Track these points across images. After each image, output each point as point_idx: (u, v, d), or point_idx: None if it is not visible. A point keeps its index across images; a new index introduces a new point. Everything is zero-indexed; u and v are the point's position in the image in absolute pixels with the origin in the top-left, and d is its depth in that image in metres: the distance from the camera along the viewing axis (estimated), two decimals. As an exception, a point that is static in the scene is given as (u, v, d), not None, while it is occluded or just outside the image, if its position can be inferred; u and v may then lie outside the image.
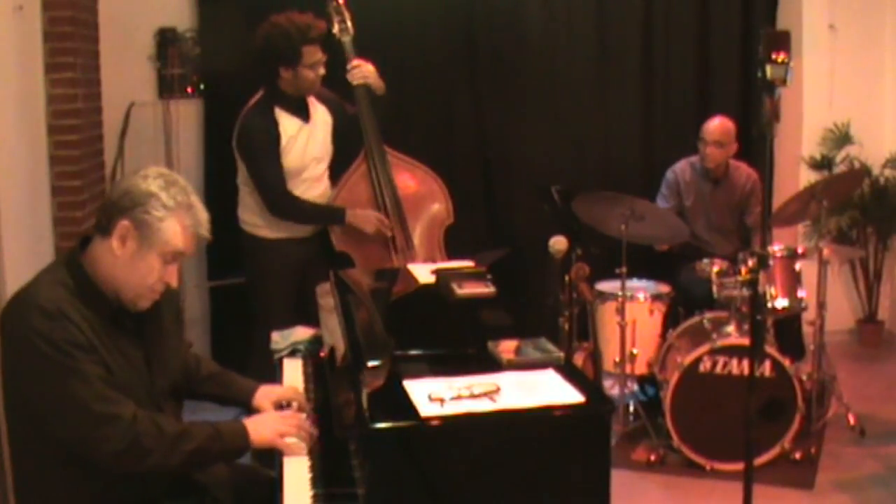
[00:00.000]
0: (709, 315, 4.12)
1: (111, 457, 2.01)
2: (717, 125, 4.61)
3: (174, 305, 2.36)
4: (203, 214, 2.15)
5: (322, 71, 3.80)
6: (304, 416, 2.36)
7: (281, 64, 3.72)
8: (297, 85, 3.78)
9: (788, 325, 4.40)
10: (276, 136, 3.76)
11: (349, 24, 3.95)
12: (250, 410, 2.44)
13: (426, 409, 1.89)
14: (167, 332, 2.30)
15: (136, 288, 2.12)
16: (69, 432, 2.01)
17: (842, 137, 5.45)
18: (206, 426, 2.14)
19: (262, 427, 2.22)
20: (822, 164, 5.44)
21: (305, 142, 3.86)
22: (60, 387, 1.98)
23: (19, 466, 2.15)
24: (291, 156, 3.81)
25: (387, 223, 3.90)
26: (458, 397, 1.93)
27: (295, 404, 2.46)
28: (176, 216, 2.09)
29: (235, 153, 3.86)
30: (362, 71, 3.91)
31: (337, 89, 4.02)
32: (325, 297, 2.88)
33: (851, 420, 4.25)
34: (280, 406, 2.45)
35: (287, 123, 3.81)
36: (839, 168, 5.42)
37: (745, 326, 3.88)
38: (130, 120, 4.69)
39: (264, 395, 2.47)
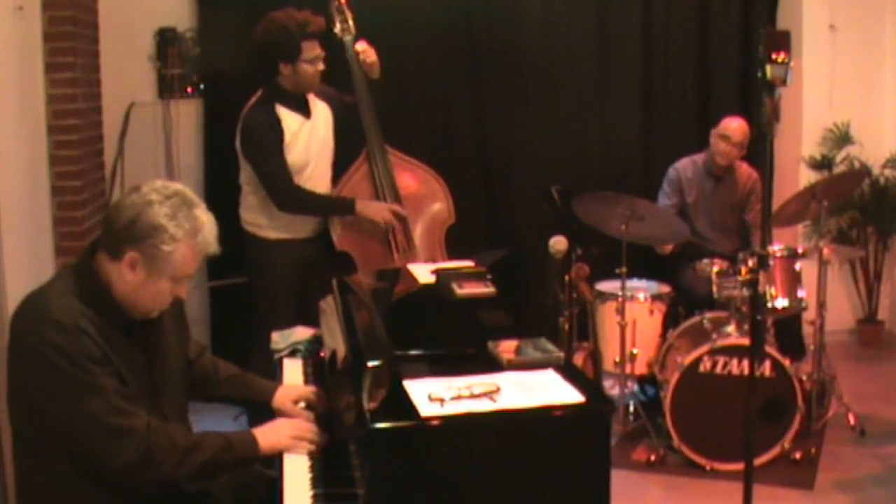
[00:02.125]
0: (709, 315, 4.12)
1: (123, 469, 2.01)
2: (739, 126, 4.63)
3: (175, 307, 2.36)
4: (211, 232, 2.13)
5: (321, 67, 3.80)
6: (312, 422, 2.36)
7: (280, 59, 3.73)
8: (297, 81, 3.78)
9: (788, 325, 4.40)
10: (279, 133, 3.76)
11: (351, 23, 3.95)
12: (268, 411, 2.44)
13: (426, 409, 1.89)
14: (169, 336, 2.30)
15: (149, 305, 2.14)
16: (83, 445, 2.02)
17: (842, 137, 5.45)
18: (217, 437, 2.15)
19: (272, 434, 2.23)
20: (822, 164, 5.44)
21: (308, 138, 3.86)
22: (76, 401, 1.98)
23: (24, 475, 2.15)
24: (295, 152, 3.81)
25: (400, 211, 3.89)
26: (458, 397, 1.93)
27: (303, 404, 2.47)
28: (185, 245, 2.07)
29: (239, 153, 3.85)
30: (367, 52, 3.92)
31: (336, 87, 4.02)
32: (326, 299, 2.88)
33: (851, 420, 4.25)
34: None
35: (289, 120, 3.81)
36: (839, 168, 5.42)
37: (745, 326, 3.88)
38: (130, 120, 4.70)
39: (284, 395, 2.48)
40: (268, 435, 2.22)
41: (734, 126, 4.63)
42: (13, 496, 2.17)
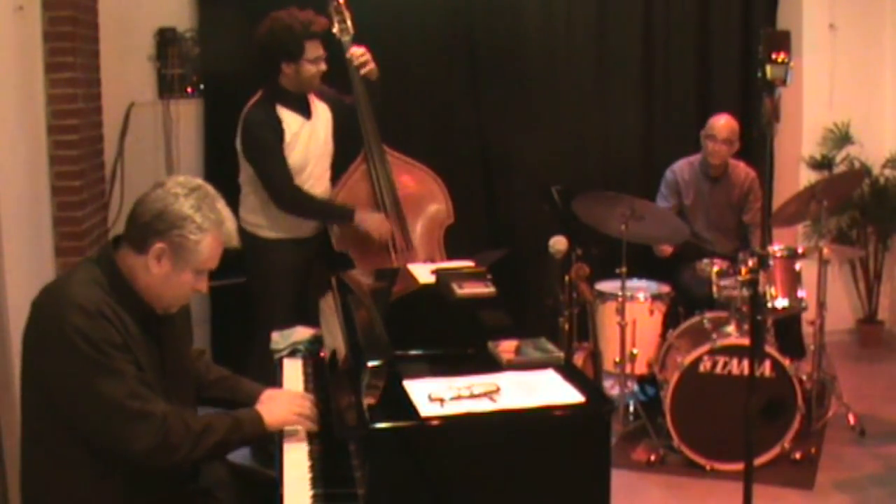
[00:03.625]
0: (709, 315, 4.11)
1: (141, 453, 2.03)
2: (725, 123, 4.62)
3: (185, 310, 2.38)
4: (232, 225, 2.22)
5: (323, 67, 3.81)
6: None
7: (283, 58, 3.73)
8: (299, 80, 3.79)
9: (788, 325, 4.40)
10: (280, 133, 3.77)
11: (349, 23, 3.95)
12: None
13: (426, 409, 1.89)
14: (180, 333, 2.33)
15: (171, 298, 2.19)
16: (101, 429, 2.04)
17: (842, 137, 5.45)
18: (226, 417, 2.20)
19: (276, 408, 2.30)
20: (822, 164, 5.45)
21: (308, 139, 3.86)
22: (96, 384, 2.00)
23: (29, 469, 2.17)
24: (295, 153, 3.81)
25: (391, 232, 3.90)
26: (458, 397, 1.93)
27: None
28: (210, 235, 2.14)
29: (239, 153, 3.85)
30: (363, 56, 3.92)
31: (335, 88, 4.02)
32: (327, 298, 2.88)
33: (851, 420, 4.25)
34: None
35: (290, 120, 3.81)
36: (839, 168, 5.42)
37: (745, 326, 3.87)
38: (130, 120, 4.70)
39: (269, 398, 2.48)
40: (274, 412, 2.28)
41: (721, 123, 4.62)
42: (15, 496, 2.16)
